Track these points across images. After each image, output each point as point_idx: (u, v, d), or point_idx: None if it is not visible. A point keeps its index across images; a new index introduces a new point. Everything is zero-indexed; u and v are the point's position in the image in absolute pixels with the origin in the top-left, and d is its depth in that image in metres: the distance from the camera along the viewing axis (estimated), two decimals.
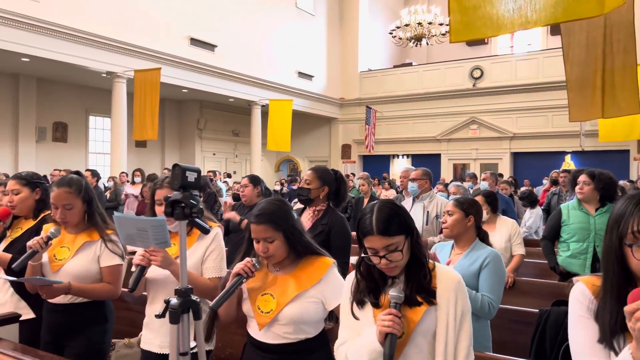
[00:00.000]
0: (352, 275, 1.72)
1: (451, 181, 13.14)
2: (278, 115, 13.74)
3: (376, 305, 1.60)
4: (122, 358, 2.87)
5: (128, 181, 10.00)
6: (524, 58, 15.88)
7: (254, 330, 1.92)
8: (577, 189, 3.71)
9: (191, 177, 1.57)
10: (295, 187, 10.68)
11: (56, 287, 2.26)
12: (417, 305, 1.57)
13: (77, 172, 2.56)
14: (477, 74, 16.23)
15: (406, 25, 13.91)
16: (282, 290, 1.89)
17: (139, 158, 14.29)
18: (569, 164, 14.73)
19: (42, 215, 2.66)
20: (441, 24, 13.77)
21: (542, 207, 6.99)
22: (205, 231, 1.68)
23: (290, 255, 1.93)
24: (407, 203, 4.56)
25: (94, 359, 2.43)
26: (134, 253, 2.22)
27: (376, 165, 17.74)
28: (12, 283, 2.51)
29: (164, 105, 10.60)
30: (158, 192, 2.22)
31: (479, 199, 3.72)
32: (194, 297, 1.58)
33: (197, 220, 1.61)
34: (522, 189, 10.25)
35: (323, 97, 17.86)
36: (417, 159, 17.17)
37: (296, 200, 6.67)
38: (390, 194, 12.26)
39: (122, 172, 10.31)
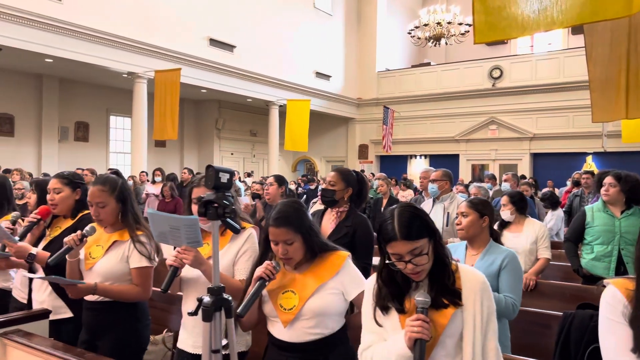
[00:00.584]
0: (372, 280, 1.71)
1: (470, 182, 13.05)
2: (296, 115, 13.78)
3: (401, 311, 1.59)
4: (147, 355, 2.92)
5: (148, 180, 10.14)
6: (544, 58, 15.68)
7: (277, 330, 1.94)
8: (602, 190, 3.66)
9: (224, 177, 1.60)
10: (312, 187, 10.69)
11: (81, 287, 2.28)
12: (443, 307, 1.56)
13: (116, 172, 2.58)
14: (496, 73, 16.07)
15: (425, 25, 13.83)
16: (302, 286, 1.92)
17: (158, 158, 14.46)
18: (590, 165, 14.50)
19: (80, 215, 2.68)
20: (460, 24, 13.68)
21: (563, 209, 6.89)
22: (236, 231, 1.70)
23: (307, 255, 1.96)
24: (427, 204, 4.53)
25: (128, 358, 2.41)
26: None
27: (393, 166, 17.69)
28: (50, 283, 2.55)
29: (183, 105, 10.71)
30: (195, 190, 2.23)
31: (503, 199, 3.69)
32: (226, 296, 1.60)
33: (228, 220, 1.63)
34: (543, 190, 10.13)
35: (340, 97, 17.86)
36: (435, 160, 17.06)
37: (315, 200, 6.69)
38: (408, 194, 12.21)
39: (142, 172, 10.45)
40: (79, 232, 2.32)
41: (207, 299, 1.59)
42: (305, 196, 9.86)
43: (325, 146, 19.35)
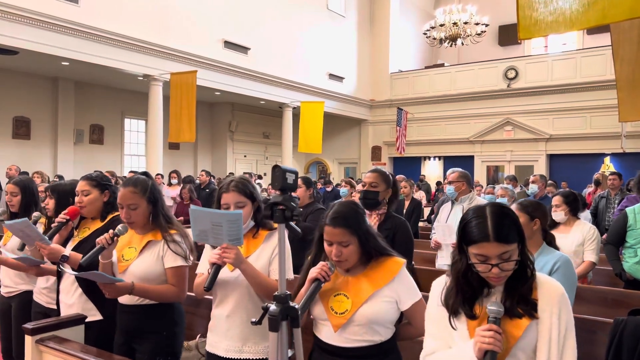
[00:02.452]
0: (440, 281, 1.63)
1: (488, 184, 12.90)
2: (309, 117, 13.73)
3: (472, 316, 1.50)
4: None
5: (164, 183, 10.10)
6: (560, 58, 15.50)
7: (326, 334, 1.87)
8: None
9: (290, 178, 1.52)
10: (329, 189, 10.60)
11: (119, 286, 2.24)
12: (517, 318, 1.46)
13: (145, 173, 2.54)
14: (511, 74, 15.91)
15: (441, 25, 13.71)
16: (356, 290, 1.85)
17: (172, 160, 14.44)
18: (608, 166, 14.29)
19: (109, 217, 2.65)
20: (477, 24, 13.54)
21: (589, 211, 6.75)
22: (298, 235, 1.63)
23: (362, 258, 1.89)
24: (446, 206, 4.44)
25: None
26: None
27: (407, 167, 17.55)
28: (81, 284, 2.51)
29: (197, 108, 10.66)
30: (224, 196, 2.16)
31: (556, 199, 3.58)
32: (292, 304, 1.52)
33: (291, 223, 1.56)
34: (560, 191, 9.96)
35: (353, 98, 17.78)
36: (450, 161, 16.91)
37: (336, 202, 6.60)
38: (420, 196, 12.12)
39: (158, 174, 10.41)
40: (110, 231, 2.29)
41: (273, 307, 1.51)
42: (323, 199, 9.76)
43: (338, 148, 19.27)
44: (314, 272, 1.80)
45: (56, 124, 12.66)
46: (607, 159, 14.64)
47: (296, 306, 1.55)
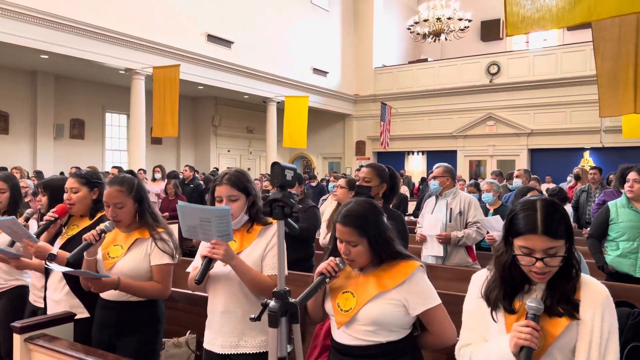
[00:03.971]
0: (481, 275, 1.62)
1: (471, 179, 13.03)
2: (294, 112, 13.70)
3: (510, 311, 1.49)
4: (171, 358, 2.84)
5: (147, 178, 9.99)
6: (541, 53, 15.71)
7: (335, 332, 1.87)
8: (627, 186, 3.61)
9: (289, 175, 1.52)
10: (314, 185, 10.61)
11: (105, 281, 2.25)
12: (557, 316, 1.45)
13: (131, 172, 2.54)
14: (493, 69, 16.08)
15: (425, 20, 13.78)
16: (363, 289, 1.83)
17: (154, 155, 14.29)
18: (587, 160, 14.56)
19: (98, 215, 2.63)
20: (460, 19, 13.64)
21: (570, 205, 6.88)
22: (295, 231, 1.63)
23: (374, 260, 1.86)
24: (431, 200, 4.50)
25: (146, 358, 2.39)
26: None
27: (391, 162, 17.43)
28: (68, 282, 2.49)
29: (180, 102, 10.55)
30: (218, 189, 2.15)
31: (533, 193, 3.64)
32: (292, 300, 1.52)
33: (290, 220, 1.56)
34: (550, 186, 10.12)
35: (337, 93, 17.78)
36: (433, 156, 17.04)
37: (325, 197, 6.61)
38: (403, 190, 12.19)
39: (140, 170, 10.29)
40: (98, 227, 2.29)
41: (272, 303, 1.51)
42: (313, 194, 9.72)
43: (322, 143, 19.28)
44: (321, 266, 1.80)
45: (35, 119, 12.41)
46: (586, 154, 14.92)
47: (295, 302, 1.55)
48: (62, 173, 10.25)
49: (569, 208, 6.47)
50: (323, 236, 4.39)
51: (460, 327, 1.67)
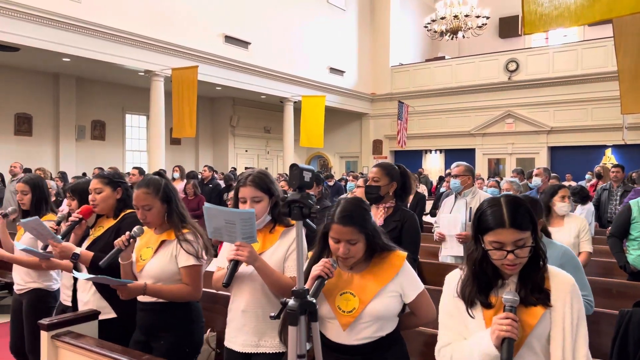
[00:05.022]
0: (454, 274, 1.67)
1: (489, 177, 12.93)
2: (311, 111, 13.75)
3: (487, 305, 1.54)
4: None
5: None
6: (561, 50, 15.49)
7: (333, 333, 1.88)
8: None
9: (307, 176, 1.54)
10: (331, 184, 10.62)
11: (130, 287, 2.25)
12: (532, 306, 1.51)
13: (159, 173, 2.54)
14: (512, 66, 15.90)
15: (442, 18, 13.68)
16: (362, 288, 1.87)
17: (173, 155, 14.47)
18: (609, 158, 14.31)
19: (122, 214, 2.66)
20: (478, 16, 13.52)
21: (592, 203, 6.76)
22: (313, 230, 1.65)
23: (366, 254, 1.91)
24: (449, 199, 4.47)
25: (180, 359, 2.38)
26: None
27: (408, 161, 17.55)
28: (95, 283, 2.53)
29: (198, 103, 10.66)
30: (242, 190, 2.16)
31: (564, 191, 3.61)
32: (310, 299, 1.55)
33: (308, 221, 1.58)
34: (564, 183, 9.98)
35: (354, 92, 17.77)
36: (451, 154, 16.94)
37: (343, 196, 6.62)
38: (422, 189, 12.13)
39: (161, 170, 10.42)
40: (127, 233, 2.30)
41: (292, 302, 1.54)
42: (330, 194, 9.72)
43: (339, 142, 19.29)
44: (316, 269, 1.81)
45: (58, 120, 12.68)
46: (608, 151, 14.67)
47: (314, 301, 1.57)
48: (84, 174, 10.45)
49: (590, 207, 6.37)
50: None
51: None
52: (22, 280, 3.24)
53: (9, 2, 8.64)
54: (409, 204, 6.36)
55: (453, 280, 1.66)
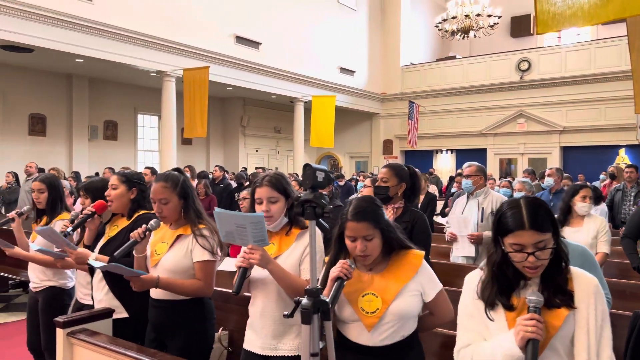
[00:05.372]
0: (474, 275, 1.66)
1: (501, 177, 12.84)
2: (321, 111, 13.76)
3: (510, 307, 1.53)
4: None
5: None
6: (574, 49, 15.35)
7: (355, 334, 1.88)
8: None
9: (320, 176, 1.56)
10: (342, 184, 10.62)
11: (143, 279, 2.26)
12: (556, 308, 1.50)
13: (177, 169, 2.56)
14: (524, 66, 15.79)
15: (453, 17, 13.62)
16: (383, 288, 1.86)
17: (185, 155, 14.56)
18: (623, 158, 14.15)
19: (136, 215, 2.68)
20: (490, 16, 13.45)
21: (605, 204, 6.71)
22: (327, 232, 1.66)
23: (383, 252, 1.91)
24: (461, 199, 4.46)
25: (195, 357, 2.39)
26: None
27: (419, 161, 17.51)
28: (108, 282, 2.56)
29: (209, 103, 10.71)
30: (258, 190, 2.17)
31: (585, 191, 3.59)
32: (323, 298, 1.56)
33: (321, 220, 1.59)
34: (573, 184, 9.88)
35: (364, 92, 17.76)
36: (462, 154, 16.86)
37: (353, 196, 6.63)
38: (433, 189, 12.07)
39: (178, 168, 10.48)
40: (144, 225, 2.31)
41: (305, 301, 1.55)
42: (341, 194, 9.71)
43: (349, 142, 19.28)
44: (335, 271, 1.80)
45: (71, 121, 12.81)
46: (622, 151, 14.50)
47: (327, 300, 1.58)
48: (97, 174, 10.56)
49: (604, 207, 6.31)
50: None
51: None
52: (37, 278, 3.28)
53: (23, 3, 8.75)
54: (419, 204, 6.37)
55: (473, 281, 1.65)
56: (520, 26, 19.29)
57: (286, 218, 2.20)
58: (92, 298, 2.73)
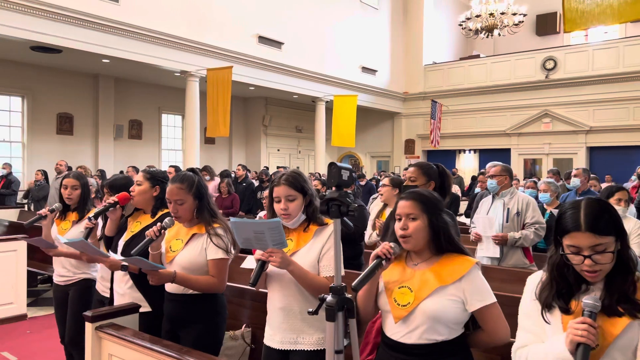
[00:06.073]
0: (536, 276, 1.63)
1: (525, 177, 12.64)
2: (343, 111, 13.76)
3: (566, 311, 1.49)
4: (227, 350, 2.95)
5: None
6: (602, 47, 15.03)
7: (388, 327, 1.86)
8: None
9: (345, 175, 1.56)
10: (363, 183, 10.62)
11: (161, 273, 2.34)
12: (617, 316, 1.43)
13: (193, 170, 2.62)
14: (550, 64, 15.52)
15: (477, 16, 13.47)
16: (421, 284, 1.81)
17: (207, 154, 14.72)
18: None
19: (159, 213, 2.75)
20: (514, 14, 13.25)
21: (634, 205, 6.56)
22: (351, 229, 1.67)
23: (431, 247, 1.85)
24: (487, 200, 4.41)
25: (207, 351, 2.42)
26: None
27: (441, 161, 17.21)
28: (132, 276, 2.64)
29: (231, 103, 10.82)
30: (276, 189, 2.20)
31: (621, 194, 3.53)
32: (348, 295, 1.57)
33: (345, 219, 1.60)
34: (603, 185, 9.69)
35: (386, 91, 17.68)
36: (485, 154, 16.67)
37: (374, 196, 6.62)
38: (455, 189, 11.96)
39: (195, 168, 10.61)
40: (158, 224, 2.40)
41: (329, 298, 1.56)
42: (362, 194, 9.73)
43: (371, 141, 19.22)
44: (375, 250, 1.79)
45: (97, 120, 13.08)
46: None
47: (350, 297, 1.59)
48: (121, 172, 10.75)
49: (632, 209, 6.17)
50: (368, 236, 4.40)
51: (516, 329, 1.67)
52: (69, 271, 3.35)
53: (51, 5, 8.96)
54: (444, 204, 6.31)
55: (533, 282, 1.62)
56: (545, 24, 18.96)
57: (304, 215, 2.22)
58: (111, 291, 2.80)
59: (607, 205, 1.48)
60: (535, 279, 1.62)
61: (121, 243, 2.77)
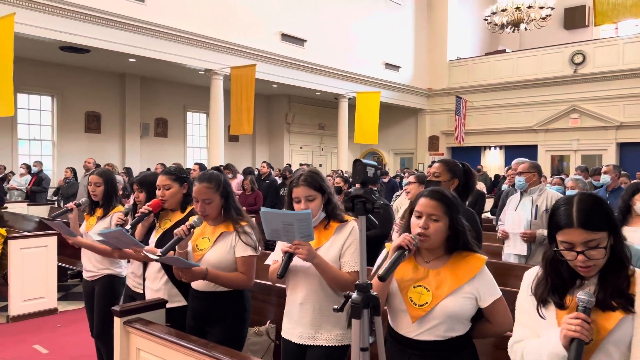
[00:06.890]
0: (532, 272, 1.63)
1: (552, 174, 12.40)
2: (366, 108, 13.69)
3: (561, 306, 1.49)
4: (252, 346, 2.98)
5: None
6: (632, 40, 14.63)
7: (402, 326, 1.87)
8: None
9: (370, 172, 1.56)
10: (386, 181, 10.56)
11: (194, 270, 2.37)
12: (610, 310, 1.43)
13: (217, 168, 2.65)
14: (578, 59, 15.17)
15: (503, 10, 13.25)
16: (438, 284, 1.83)
17: (231, 152, 14.84)
18: None
19: (189, 208, 2.79)
20: (542, 7, 12.99)
21: None
22: (375, 226, 1.67)
23: (445, 246, 1.87)
24: (515, 197, 4.34)
25: (232, 346, 2.47)
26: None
27: (466, 158, 17.07)
28: (167, 272, 2.68)
29: (255, 100, 10.88)
30: (295, 190, 2.22)
31: None
32: (374, 293, 1.57)
33: (370, 216, 1.60)
34: (634, 182, 9.42)
35: (410, 87, 17.54)
36: (511, 151, 16.40)
37: (398, 193, 6.58)
38: (480, 187, 11.80)
39: (220, 166, 10.71)
40: (187, 223, 2.43)
41: (355, 295, 1.56)
42: (385, 190, 9.69)
43: (394, 138, 19.11)
44: (398, 241, 1.79)
45: (124, 118, 13.32)
46: None
47: (377, 295, 1.59)
48: (148, 169, 10.92)
49: None
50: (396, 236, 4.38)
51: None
52: (94, 267, 3.42)
53: (79, 6, 9.15)
54: (467, 202, 6.23)
55: (529, 278, 1.63)
56: (574, 18, 18.52)
57: (323, 213, 2.25)
58: (144, 287, 2.84)
59: (599, 201, 1.48)
60: (532, 275, 1.62)
61: (152, 241, 2.81)
